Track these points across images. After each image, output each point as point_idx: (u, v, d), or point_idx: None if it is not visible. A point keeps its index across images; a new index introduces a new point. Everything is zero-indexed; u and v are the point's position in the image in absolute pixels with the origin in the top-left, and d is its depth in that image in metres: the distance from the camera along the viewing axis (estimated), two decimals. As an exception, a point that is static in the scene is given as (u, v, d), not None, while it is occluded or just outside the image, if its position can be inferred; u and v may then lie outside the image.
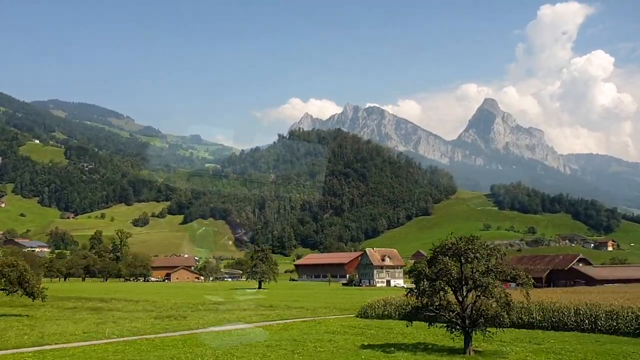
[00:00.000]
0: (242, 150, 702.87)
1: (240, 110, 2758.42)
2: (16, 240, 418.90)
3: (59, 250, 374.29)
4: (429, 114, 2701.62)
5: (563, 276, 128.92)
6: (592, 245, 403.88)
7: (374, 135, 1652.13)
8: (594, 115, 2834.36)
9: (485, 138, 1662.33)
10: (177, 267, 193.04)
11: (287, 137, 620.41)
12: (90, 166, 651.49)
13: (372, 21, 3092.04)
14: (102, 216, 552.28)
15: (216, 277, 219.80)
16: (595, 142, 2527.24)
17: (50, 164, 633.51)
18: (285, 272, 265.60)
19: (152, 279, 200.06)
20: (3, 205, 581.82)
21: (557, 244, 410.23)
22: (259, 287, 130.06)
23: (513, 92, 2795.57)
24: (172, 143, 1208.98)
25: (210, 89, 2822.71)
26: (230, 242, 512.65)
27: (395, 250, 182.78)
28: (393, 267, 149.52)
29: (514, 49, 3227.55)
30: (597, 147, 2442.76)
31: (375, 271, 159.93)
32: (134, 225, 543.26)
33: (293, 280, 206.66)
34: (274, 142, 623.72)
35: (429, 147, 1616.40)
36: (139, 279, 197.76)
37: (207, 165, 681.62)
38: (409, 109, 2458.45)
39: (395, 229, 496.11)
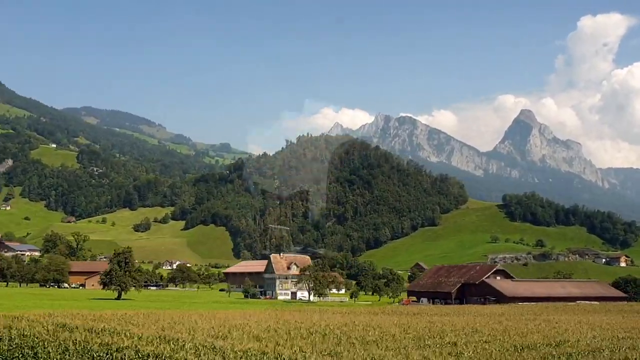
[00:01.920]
0: (249, 155, 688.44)
1: (273, 119, 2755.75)
2: (6, 243, 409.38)
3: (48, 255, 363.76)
4: (464, 125, 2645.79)
5: (476, 291, 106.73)
6: (604, 260, 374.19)
7: (406, 145, 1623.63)
8: (635, 128, 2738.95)
9: (521, 150, 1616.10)
10: (96, 272, 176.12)
11: (295, 143, 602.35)
12: (100, 170, 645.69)
13: (409, 31, 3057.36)
14: (104, 220, 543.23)
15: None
16: (637, 156, 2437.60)
17: (59, 168, 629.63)
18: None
19: (65, 285, 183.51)
20: (8, 208, 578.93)
21: (566, 258, 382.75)
22: (118, 297, 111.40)
23: (551, 104, 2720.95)
24: (200, 151, 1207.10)
25: (243, 98, 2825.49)
26: (230, 250, 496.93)
27: (308, 258, 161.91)
28: (299, 277, 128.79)
29: (554, 60, 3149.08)
30: (638, 161, 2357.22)
31: (278, 281, 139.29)
32: (135, 231, 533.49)
33: (223, 290, 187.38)
34: (282, 148, 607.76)
35: (463, 158, 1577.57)
36: (52, 285, 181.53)
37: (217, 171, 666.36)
38: (443, 119, 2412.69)
39: (399, 239, 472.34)
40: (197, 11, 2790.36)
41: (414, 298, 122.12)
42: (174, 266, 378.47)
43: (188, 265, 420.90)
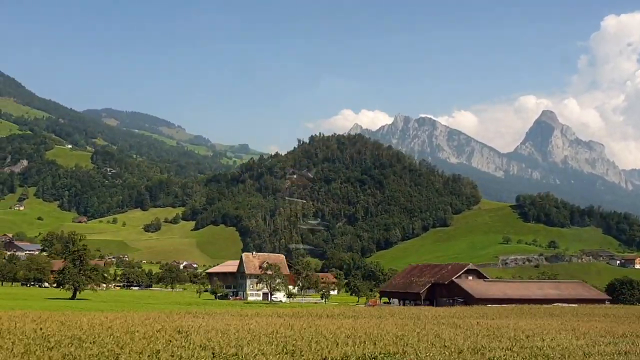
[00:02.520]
0: (261, 155, 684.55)
1: (292, 120, 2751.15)
2: (16, 242, 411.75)
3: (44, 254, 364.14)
4: (485, 126, 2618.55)
5: (446, 292, 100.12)
6: (618, 262, 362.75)
7: (425, 146, 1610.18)
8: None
9: (543, 151, 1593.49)
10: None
11: (308, 142, 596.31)
12: (114, 171, 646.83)
13: (429, 32, 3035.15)
14: (114, 221, 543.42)
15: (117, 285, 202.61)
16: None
17: (73, 169, 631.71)
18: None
19: (46, 284, 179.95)
20: (22, 208, 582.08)
21: (580, 260, 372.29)
22: (73, 297, 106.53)
23: (573, 105, 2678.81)
24: (219, 151, 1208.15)
25: (262, 100, 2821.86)
26: (240, 250, 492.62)
27: (282, 257, 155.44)
28: (275, 277, 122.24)
29: (577, 60, 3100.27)
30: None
31: (248, 281, 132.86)
32: (145, 231, 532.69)
33: (206, 291, 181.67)
34: (294, 148, 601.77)
35: (483, 159, 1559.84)
36: (33, 284, 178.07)
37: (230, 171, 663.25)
38: (464, 120, 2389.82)
39: (409, 240, 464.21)
40: (219, 11, 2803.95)
41: (386, 299, 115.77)
42: (181, 267, 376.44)
43: (195, 265, 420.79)
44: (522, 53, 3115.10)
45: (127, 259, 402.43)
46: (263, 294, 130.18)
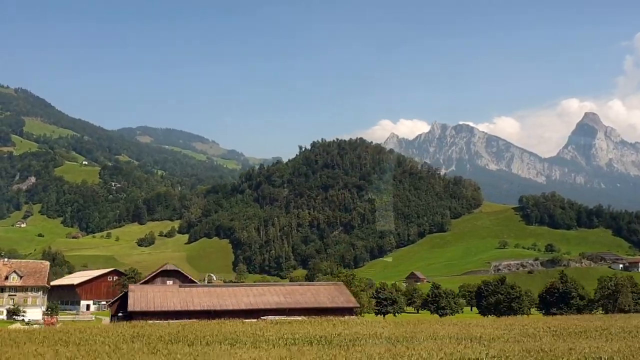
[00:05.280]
0: (261, 164, 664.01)
1: (329, 133, 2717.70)
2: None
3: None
4: (528, 132, 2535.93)
5: (123, 304, 75.05)
6: (621, 266, 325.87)
7: (463, 154, 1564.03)
8: None
9: (586, 154, 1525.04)
10: None
11: (310, 149, 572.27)
12: (118, 185, 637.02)
13: (469, 38, 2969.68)
14: (108, 235, 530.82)
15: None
16: None
17: (78, 184, 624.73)
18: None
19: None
20: (24, 225, 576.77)
21: (579, 264, 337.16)
22: None
23: (619, 106, 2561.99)
24: (249, 165, 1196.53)
25: (299, 112, 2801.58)
26: (231, 263, 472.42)
27: (47, 264, 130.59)
28: (25, 289, 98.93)
29: (622, 61, 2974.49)
30: None
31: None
32: (139, 245, 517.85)
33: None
34: (296, 155, 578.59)
35: (523, 165, 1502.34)
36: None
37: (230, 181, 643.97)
38: (506, 126, 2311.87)
39: (405, 247, 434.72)
40: (250, 27, 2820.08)
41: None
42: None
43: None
44: (566, 56, 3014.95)
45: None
46: (7, 311, 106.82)
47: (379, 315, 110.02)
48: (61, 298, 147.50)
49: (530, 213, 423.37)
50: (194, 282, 77.36)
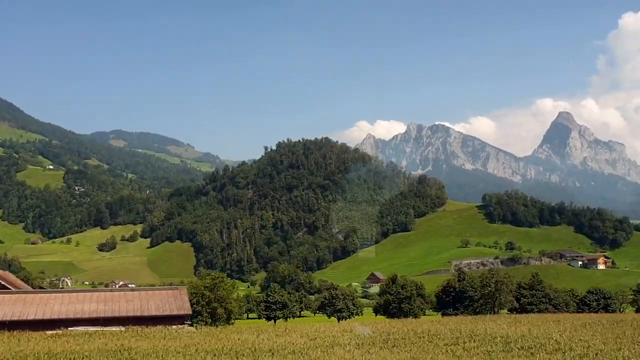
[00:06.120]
0: (225, 165, 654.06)
1: (307, 134, 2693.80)
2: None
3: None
4: (504, 131, 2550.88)
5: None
6: (580, 263, 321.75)
7: (439, 154, 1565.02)
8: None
9: (561, 153, 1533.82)
10: None
11: (275, 149, 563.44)
12: (82, 190, 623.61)
13: (444, 39, 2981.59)
14: (68, 241, 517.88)
15: None
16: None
17: (41, 189, 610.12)
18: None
19: None
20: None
21: (538, 262, 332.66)
22: None
23: (592, 105, 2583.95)
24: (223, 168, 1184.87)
25: (276, 114, 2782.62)
26: (192, 267, 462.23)
27: None
28: None
29: (595, 61, 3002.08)
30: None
31: None
32: (100, 250, 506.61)
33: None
34: (261, 156, 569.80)
35: (499, 164, 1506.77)
36: None
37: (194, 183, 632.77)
38: (482, 125, 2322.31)
39: (367, 247, 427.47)
40: (227, 28, 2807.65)
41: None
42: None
43: (131, 285, 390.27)
44: (539, 55, 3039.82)
45: (67, 282, 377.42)
46: None
47: (270, 320, 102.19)
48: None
49: (493, 211, 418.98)
50: (9, 288, 68.33)
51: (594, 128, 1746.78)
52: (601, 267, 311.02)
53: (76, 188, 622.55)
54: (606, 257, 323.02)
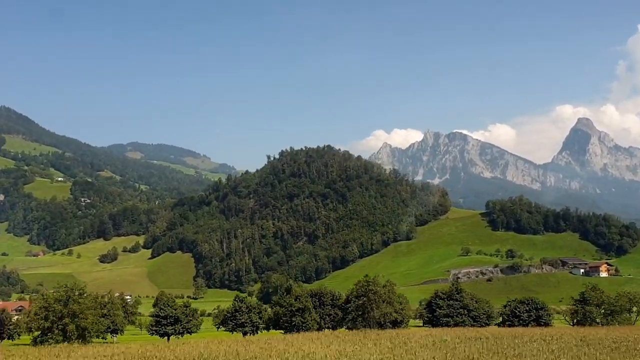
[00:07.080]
0: (228, 175, 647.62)
1: (324, 143, 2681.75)
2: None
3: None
4: (524, 138, 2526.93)
5: None
6: (582, 271, 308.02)
7: (457, 162, 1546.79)
8: None
9: (581, 160, 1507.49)
10: None
11: (278, 158, 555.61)
12: (88, 201, 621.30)
13: (465, 47, 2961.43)
14: (70, 253, 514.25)
15: None
16: None
17: (47, 201, 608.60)
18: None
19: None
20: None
21: (539, 270, 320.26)
22: None
23: (612, 111, 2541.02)
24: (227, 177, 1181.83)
25: (293, 124, 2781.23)
26: (192, 278, 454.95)
27: None
28: None
29: (615, 66, 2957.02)
30: None
31: None
32: (101, 262, 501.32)
33: None
34: (264, 165, 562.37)
35: (518, 172, 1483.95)
36: None
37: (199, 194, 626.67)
38: (501, 133, 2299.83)
39: (368, 257, 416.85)
40: (242, 38, 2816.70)
41: None
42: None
43: (128, 297, 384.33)
44: (559, 62, 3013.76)
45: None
46: None
47: (163, 337, 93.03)
48: None
49: (497, 218, 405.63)
50: None
51: (614, 134, 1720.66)
52: (604, 274, 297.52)
53: (82, 200, 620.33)
54: (609, 264, 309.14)
